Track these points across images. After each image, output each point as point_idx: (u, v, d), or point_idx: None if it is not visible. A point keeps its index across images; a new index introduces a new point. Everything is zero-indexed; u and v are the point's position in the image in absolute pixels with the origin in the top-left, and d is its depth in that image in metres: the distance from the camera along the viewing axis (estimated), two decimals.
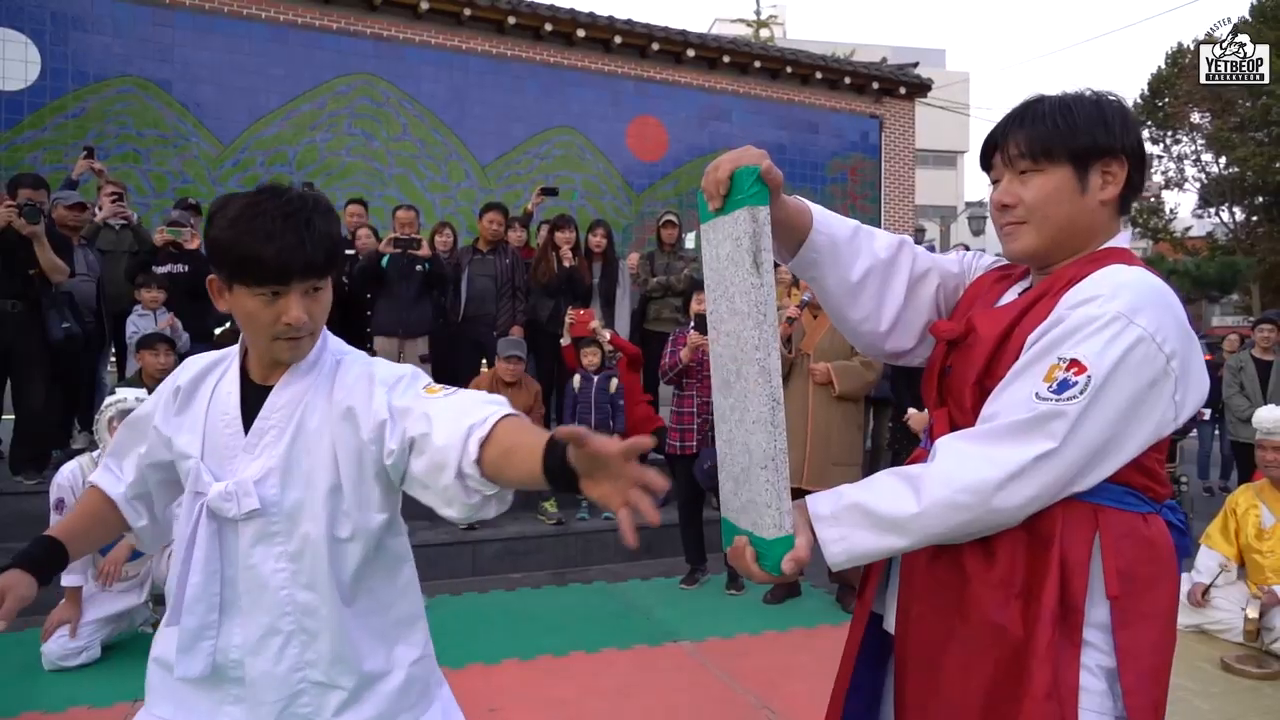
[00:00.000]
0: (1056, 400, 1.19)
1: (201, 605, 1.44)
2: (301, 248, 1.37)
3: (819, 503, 1.29)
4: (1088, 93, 1.36)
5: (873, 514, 1.26)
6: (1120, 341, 1.19)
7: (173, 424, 1.52)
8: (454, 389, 1.44)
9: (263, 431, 1.45)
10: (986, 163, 1.43)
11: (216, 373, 1.55)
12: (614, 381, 6.00)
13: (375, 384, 1.45)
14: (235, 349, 1.56)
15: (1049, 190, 1.33)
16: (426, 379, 1.49)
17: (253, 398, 1.48)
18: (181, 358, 5.49)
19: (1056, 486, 1.22)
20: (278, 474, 1.43)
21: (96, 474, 1.65)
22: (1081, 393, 1.18)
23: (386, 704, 1.50)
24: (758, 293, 1.21)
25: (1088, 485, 1.24)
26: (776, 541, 1.24)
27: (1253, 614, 4.08)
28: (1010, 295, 1.44)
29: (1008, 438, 1.22)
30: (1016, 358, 1.29)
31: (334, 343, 1.55)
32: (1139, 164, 1.35)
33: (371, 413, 1.41)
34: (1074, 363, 1.20)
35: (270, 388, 1.48)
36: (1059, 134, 1.32)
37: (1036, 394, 1.21)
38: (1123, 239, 1.38)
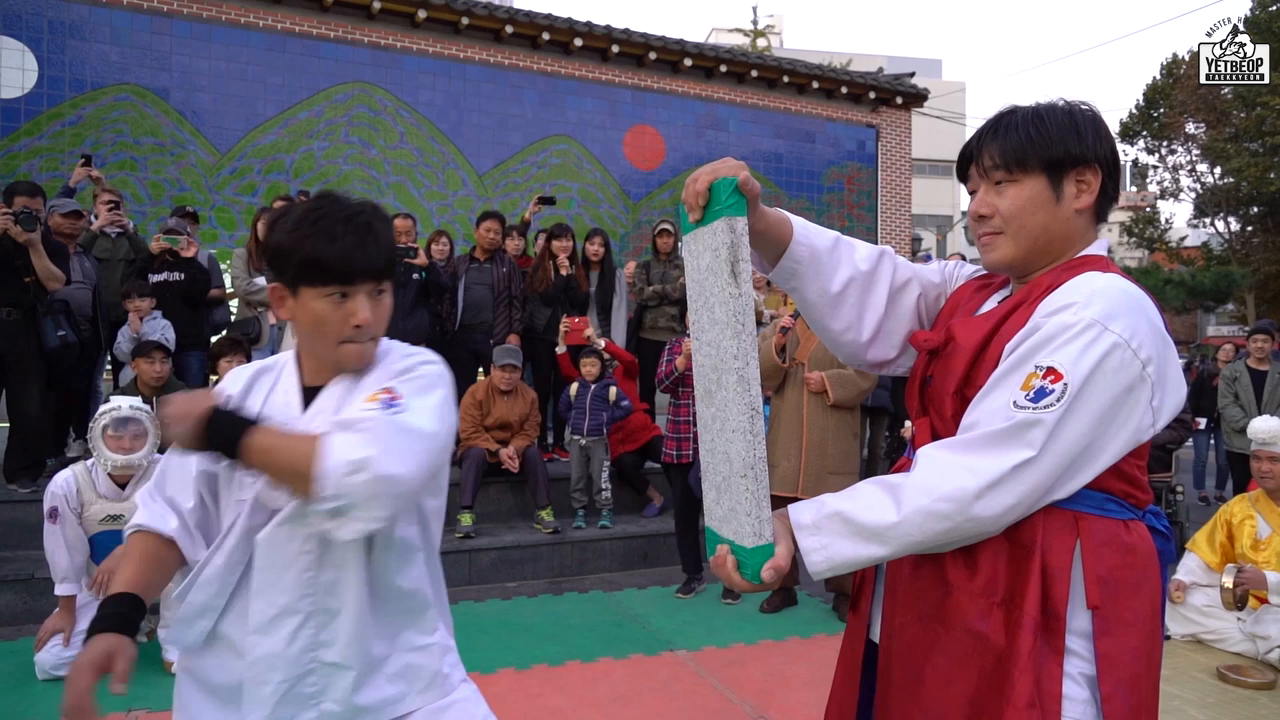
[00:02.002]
0: (1034, 409, 1.20)
1: (213, 587, 1.45)
2: (363, 249, 1.41)
3: (801, 511, 1.30)
4: (1060, 103, 1.38)
5: (853, 523, 1.26)
6: (1096, 348, 1.20)
7: None
8: (397, 405, 1.39)
9: (311, 420, 1.47)
10: (963, 174, 1.45)
11: (267, 380, 1.56)
12: (613, 389, 6.01)
13: (382, 379, 1.47)
14: (285, 357, 1.57)
15: (1024, 200, 1.35)
16: (402, 379, 1.46)
17: (310, 402, 1.50)
18: (176, 364, 5.48)
19: (1035, 495, 1.22)
20: None
21: (140, 516, 1.53)
22: (1058, 400, 1.19)
23: (392, 688, 1.51)
24: (735, 302, 1.22)
25: (1067, 493, 1.25)
26: (756, 550, 1.24)
27: (1228, 581, 4.08)
28: (990, 304, 1.45)
29: (986, 447, 1.22)
30: (996, 366, 1.30)
31: (385, 344, 1.56)
32: (1113, 172, 1.37)
33: None
34: (1050, 370, 1.21)
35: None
36: (1032, 144, 1.33)
37: (1014, 403, 1.22)
38: (1099, 246, 1.39)
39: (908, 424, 5.45)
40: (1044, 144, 1.33)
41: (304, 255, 1.39)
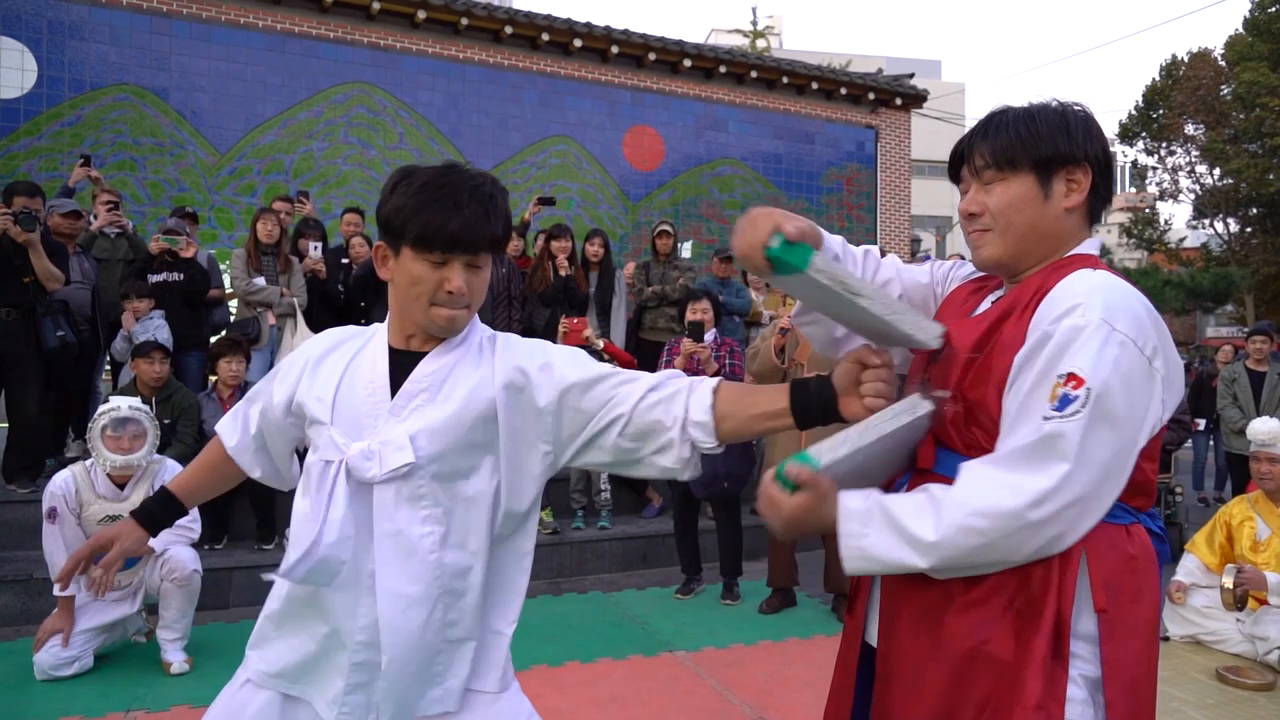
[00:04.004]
0: (1060, 417, 1.20)
1: (331, 571, 1.42)
2: (486, 221, 1.43)
3: (851, 497, 1.31)
4: (1053, 103, 1.39)
5: (896, 522, 1.27)
6: (1109, 348, 1.21)
7: (302, 391, 1.54)
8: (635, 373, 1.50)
9: (412, 395, 1.47)
10: (955, 175, 1.46)
11: (350, 346, 1.57)
12: None
13: (551, 359, 1.49)
14: (378, 325, 1.59)
15: (1012, 197, 1.36)
16: (598, 362, 1.54)
17: (398, 364, 1.50)
18: (175, 365, 5.48)
19: (1079, 506, 1.21)
20: (427, 435, 1.43)
21: (221, 422, 1.68)
22: (1083, 405, 1.19)
23: (478, 663, 1.52)
24: (874, 305, 1.29)
25: (1112, 499, 1.24)
26: (803, 456, 1.28)
27: (1228, 582, 4.09)
28: (984, 305, 1.46)
29: (1023, 462, 1.22)
30: (991, 370, 1.31)
31: (481, 325, 1.59)
32: (1105, 172, 1.37)
33: (552, 384, 1.46)
34: (1071, 376, 1.21)
35: (415, 354, 1.50)
36: (1021, 143, 1.35)
37: (1043, 415, 1.22)
38: (1089, 245, 1.40)
39: None
40: (1033, 143, 1.34)
41: (424, 220, 1.39)
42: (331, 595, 1.44)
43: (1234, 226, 27.58)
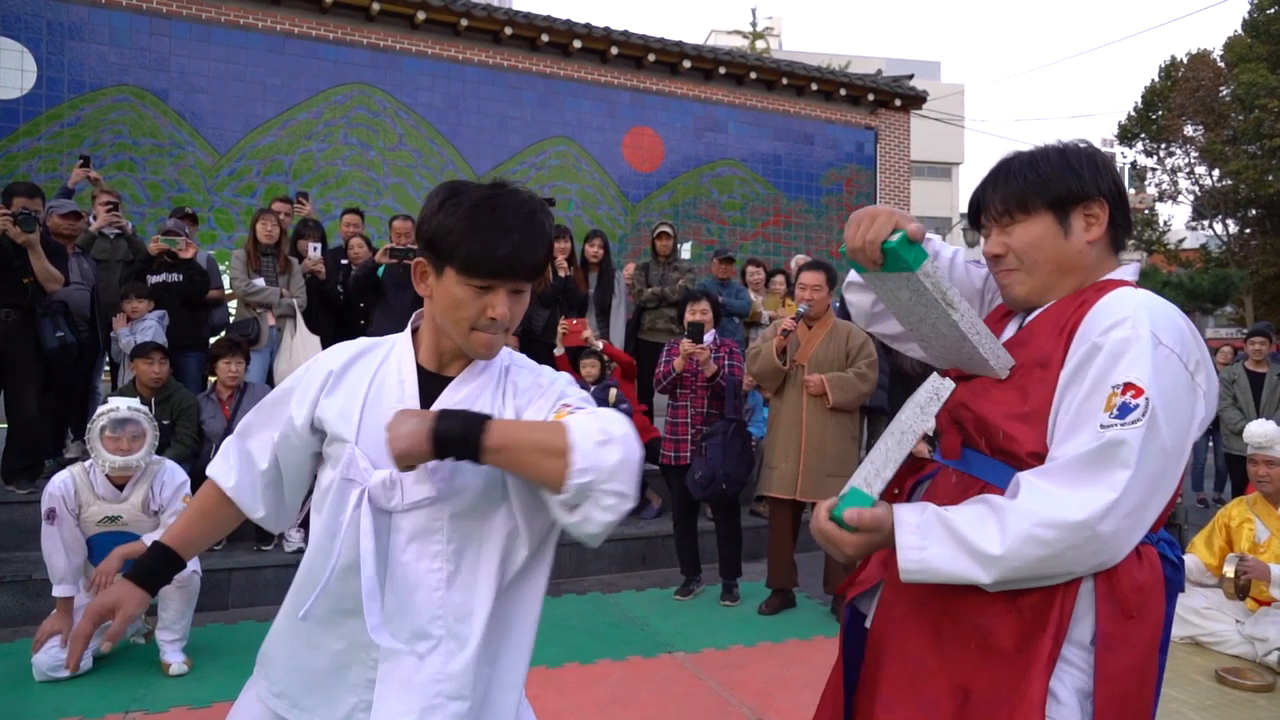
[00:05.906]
0: (1121, 425, 1.21)
1: (375, 603, 1.36)
2: (534, 249, 1.38)
3: (906, 510, 1.33)
4: (1055, 144, 1.45)
5: (957, 533, 1.27)
6: (1163, 363, 1.24)
7: (324, 406, 1.48)
8: (585, 409, 1.40)
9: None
10: (975, 223, 1.51)
11: (372, 358, 1.51)
12: (613, 391, 5.99)
13: (546, 399, 1.45)
14: (395, 338, 1.53)
15: (1032, 236, 1.41)
16: (569, 396, 1.46)
17: (426, 386, 1.46)
18: (174, 365, 5.48)
19: (1134, 517, 1.22)
20: (449, 466, 1.38)
21: (212, 465, 1.59)
22: (1143, 415, 1.21)
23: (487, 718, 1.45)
24: (963, 321, 1.36)
25: (1158, 511, 1.26)
26: (855, 492, 1.31)
27: (1230, 571, 4.10)
28: (1010, 330, 1.49)
29: (1086, 472, 1.22)
30: (1027, 390, 1.34)
31: (507, 354, 1.55)
32: (1120, 203, 1.42)
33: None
34: (1129, 386, 1.22)
35: (444, 376, 1.47)
36: (1031, 187, 1.40)
37: (1101, 424, 1.23)
38: (1126, 271, 1.43)
39: None
40: (1042, 186, 1.39)
41: (472, 245, 1.35)
42: (354, 614, 1.39)
43: (1233, 228, 27.56)
